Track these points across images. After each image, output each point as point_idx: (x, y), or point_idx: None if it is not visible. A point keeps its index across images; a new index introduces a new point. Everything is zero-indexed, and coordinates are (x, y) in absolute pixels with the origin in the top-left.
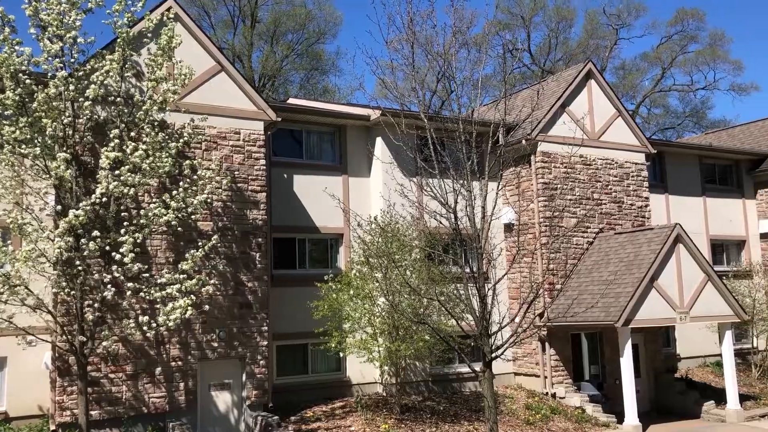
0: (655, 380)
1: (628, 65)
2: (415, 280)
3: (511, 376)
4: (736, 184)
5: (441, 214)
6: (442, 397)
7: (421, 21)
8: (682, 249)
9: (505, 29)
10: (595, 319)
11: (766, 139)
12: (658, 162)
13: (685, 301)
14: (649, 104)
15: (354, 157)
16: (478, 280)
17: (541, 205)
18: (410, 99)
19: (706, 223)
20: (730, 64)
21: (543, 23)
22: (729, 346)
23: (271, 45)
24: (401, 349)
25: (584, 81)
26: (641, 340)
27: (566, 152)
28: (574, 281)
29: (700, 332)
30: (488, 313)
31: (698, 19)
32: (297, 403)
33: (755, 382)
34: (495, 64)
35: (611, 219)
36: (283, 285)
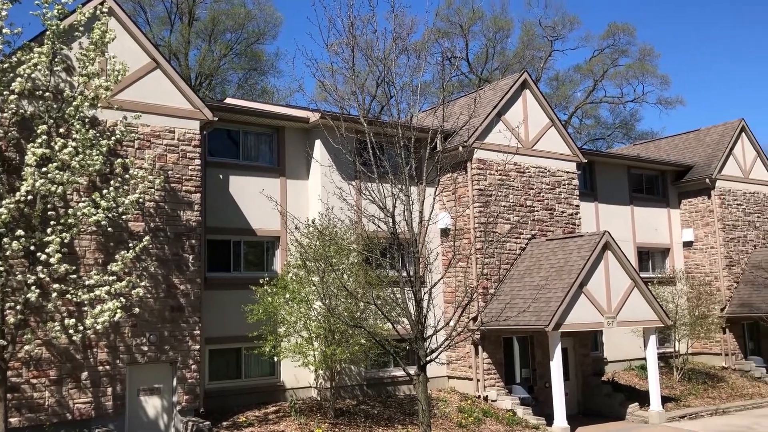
0: (583, 383)
1: (562, 76)
2: (352, 283)
3: (445, 379)
4: (662, 194)
5: (379, 218)
6: (377, 401)
7: (362, 25)
8: (610, 256)
9: (444, 37)
10: (527, 324)
11: (691, 152)
12: (588, 171)
13: (613, 306)
14: (581, 115)
15: (292, 160)
16: (415, 284)
17: (476, 210)
18: (350, 102)
19: (634, 231)
20: (658, 78)
21: (481, 33)
22: (653, 350)
23: (208, 44)
24: (337, 353)
25: (520, 91)
26: (571, 344)
27: (501, 160)
28: (507, 286)
29: (626, 336)
30: (424, 317)
31: (629, 33)
32: (230, 408)
33: (676, 385)
34: (434, 71)
35: (543, 225)
36: (217, 288)
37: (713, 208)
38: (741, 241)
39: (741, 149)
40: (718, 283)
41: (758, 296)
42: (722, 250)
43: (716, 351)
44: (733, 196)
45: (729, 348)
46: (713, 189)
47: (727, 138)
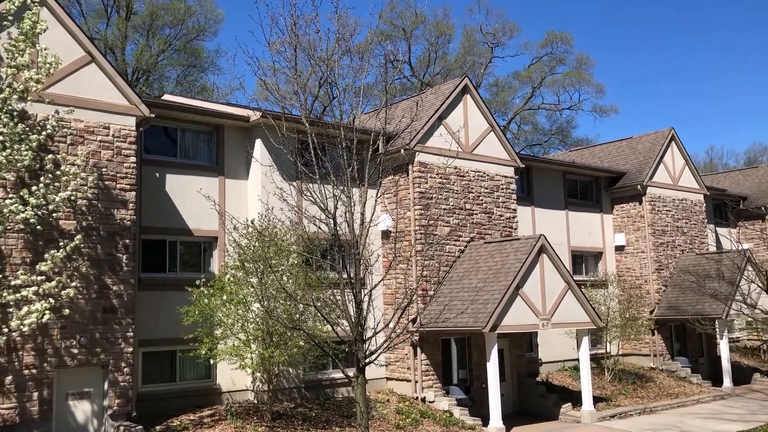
0: (519, 384)
1: (502, 83)
2: (291, 285)
3: (384, 380)
4: (596, 199)
5: (320, 220)
6: (315, 403)
7: (305, 25)
8: (545, 259)
9: (387, 40)
10: (465, 325)
11: (623, 159)
12: (525, 176)
13: (548, 308)
14: (519, 121)
15: (232, 159)
16: (355, 286)
17: (417, 213)
18: (292, 102)
19: (568, 235)
20: (593, 86)
21: (423, 37)
22: (585, 351)
23: (146, 38)
24: (275, 355)
25: (461, 95)
26: (507, 346)
27: (442, 163)
28: (446, 288)
29: (560, 338)
30: (364, 319)
31: (566, 42)
32: (163, 411)
33: (607, 385)
34: (377, 74)
35: (482, 229)
36: (151, 289)
37: (644, 213)
38: (670, 246)
39: (671, 157)
40: (648, 287)
41: (685, 299)
42: (652, 255)
43: (645, 352)
44: (662, 203)
45: (657, 349)
46: (644, 195)
47: (657, 146)
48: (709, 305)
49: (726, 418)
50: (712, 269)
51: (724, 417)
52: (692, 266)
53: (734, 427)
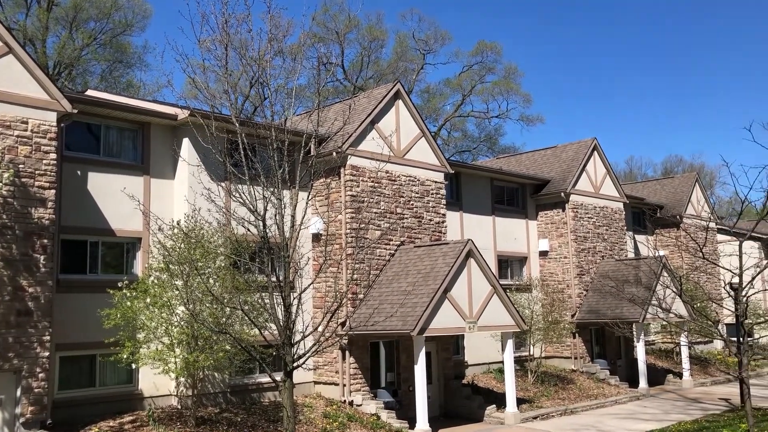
0: (445, 386)
1: (433, 89)
2: (218, 288)
3: (311, 384)
4: (522, 205)
5: (249, 221)
6: (241, 408)
7: (237, 24)
8: (473, 263)
9: (320, 42)
10: (393, 328)
11: (548, 167)
12: (455, 182)
13: (474, 311)
14: (450, 127)
15: (158, 158)
16: (284, 289)
17: (348, 216)
18: (222, 102)
19: (495, 240)
20: (521, 96)
21: (356, 41)
22: (510, 354)
23: (69, 31)
24: (200, 359)
25: (393, 100)
26: (434, 348)
27: (374, 167)
28: (375, 291)
29: (486, 341)
30: (292, 323)
31: (496, 52)
32: (81, 418)
33: (530, 387)
34: (309, 76)
35: (412, 233)
36: (71, 291)
37: (567, 220)
38: (591, 252)
39: (593, 166)
40: (570, 291)
41: (605, 303)
42: (574, 260)
43: (567, 354)
44: (584, 210)
45: (578, 352)
46: (567, 202)
47: (581, 155)
48: (628, 309)
49: (641, 417)
50: (630, 275)
51: (640, 417)
52: (612, 272)
53: (648, 426)
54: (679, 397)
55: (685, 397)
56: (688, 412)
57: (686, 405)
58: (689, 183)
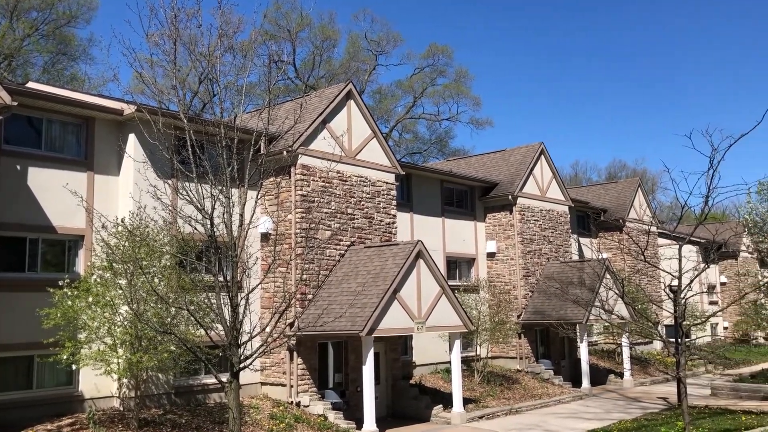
0: (393, 387)
1: (385, 90)
2: (163, 287)
3: (258, 385)
4: (470, 207)
5: (196, 220)
6: (185, 410)
7: (186, 19)
8: (422, 264)
9: (271, 40)
10: (343, 329)
11: (497, 170)
12: (405, 183)
13: (423, 312)
14: (401, 129)
15: (102, 153)
16: (232, 289)
17: (298, 216)
18: (170, 97)
19: (444, 242)
20: (471, 99)
21: (308, 40)
22: (457, 354)
23: (9, 21)
24: (143, 360)
25: (345, 100)
26: (383, 349)
27: (325, 167)
28: (325, 292)
29: (434, 341)
30: (239, 323)
31: (447, 55)
32: (17, 422)
33: (477, 387)
34: (260, 73)
35: (362, 233)
36: (8, 290)
37: (514, 222)
38: (537, 254)
39: (540, 170)
40: (516, 292)
41: (549, 305)
42: (521, 262)
43: (512, 355)
44: (531, 213)
45: (523, 352)
46: (515, 205)
47: (528, 159)
48: (571, 311)
49: (584, 417)
50: (574, 277)
51: (583, 416)
52: (557, 273)
53: (591, 425)
54: (620, 396)
55: (626, 397)
56: (628, 411)
57: (627, 404)
58: (632, 188)
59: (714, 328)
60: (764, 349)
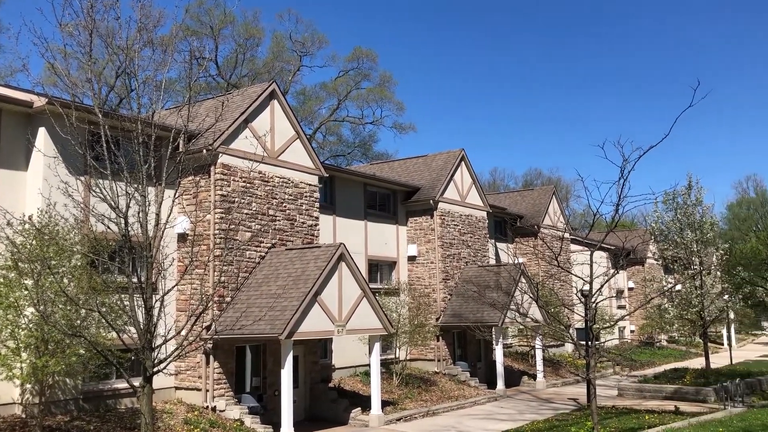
0: (311, 390)
1: (309, 92)
2: (73, 288)
3: (173, 390)
4: (393, 211)
5: (110, 219)
6: (94, 416)
7: (103, 10)
8: (344, 267)
9: (193, 36)
10: (261, 332)
11: (419, 175)
12: (329, 185)
13: (344, 315)
14: (325, 131)
15: (9, 147)
16: (146, 291)
17: (217, 216)
18: (84, 91)
19: (366, 245)
20: (395, 104)
21: (231, 37)
22: (376, 357)
23: None
24: (50, 365)
25: (268, 100)
26: (302, 352)
27: (246, 167)
28: (243, 294)
29: (354, 344)
30: (154, 326)
31: (372, 59)
32: None
33: (395, 389)
34: (180, 69)
35: (284, 235)
36: None
37: (435, 227)
38: (456, 258)
39: (460, 176)
40: (435, 295)
41: (467, 308)
42: (440, 265)
43: (430, 357)
44: (451, 217)
45: (441, 354)
46: (435, 210)
47: (449, 165)
48: (488, 313)
49: (498, 417)
50: (491, 280)
51: (497, 417)
52: (475, 277)
53: (504, 426)
54: (533, 397)
55: (539, 398)
56: (540, 412)
57: (539, 405)
58: (547, 195)
59: (622, 331)
60: (667, 351)
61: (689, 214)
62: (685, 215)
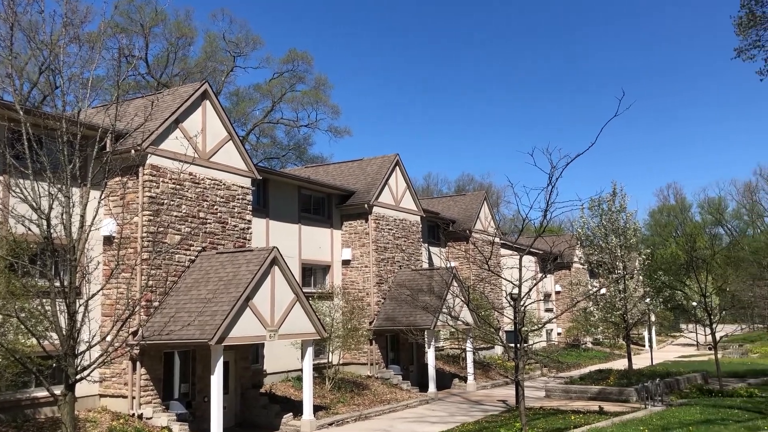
0: (242, 396)
1: (242, 93)
2: None
3: (97, 398)
4: (328, 215)
5: (31, 220)
6: (11, 427)
7: (26, 3)
8: (277, 271)
9: (122, 33)
10: (191, 338)
11: (354, 179)
12: (262, 188)
13: (276, 319)
14: (259, 133)
15: None
16: (69, 296)
17: (145, 219)
18: (4, 86)
19: (300, 248)
20: (330, 107)
21: (163, 36)
22: (309, 362)
23: None
24: None
25: (200, 100)
26: (233, 358)
27: (176, 168)
28: (172, 299)
29: (286, 349)
30: (77, 332)
31: (307, 62)
32: None
33: (328, 394)
34: (109, 67)
35: (215, 238)
36: None
37: (369, 231)
38: (390, 262)
39: (395, 181)
40: (369, 299)
41: (400, 311)
42: (374, 269)
43: (363, 361)
44: (385, 222)
45: (374, 358)
46: (370, 214)
47: (384, 169)
48: (421, 317)
49: (429, 420)
50: (424, 284)
51: (428, 420)
52: (408, 281)
53: (436, 428)
54: (464, 399)
55: (469, 400)
56: (471, 414)
57: (470, 407)
58: (479, 201)
59: (549, 333)
60: (593, 352)
61: (614, 221)
62: (609, 221)
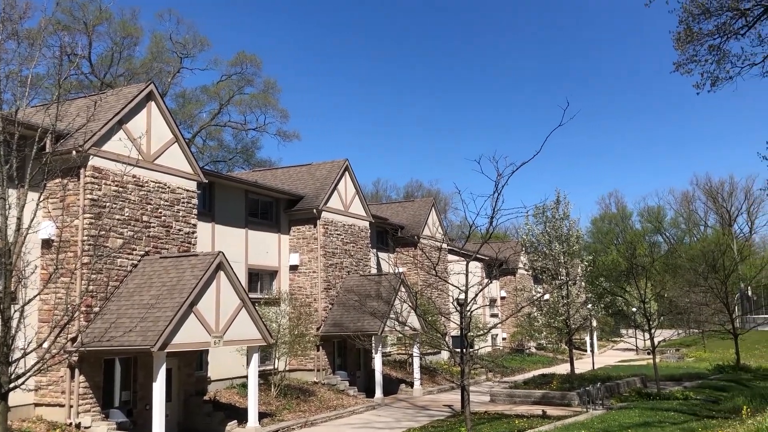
0: (185, 403)
1: (189, 95)
2: None
3: (32, 407)
4: (275, 219)
5: None
6: None
7: None
8: (222, 276)
9: (64, 31)
10: (132, 344)
11: (303, 183)
12: (208, 192)
13: (221, 325)
14: (205, 136)
15: None
16: (4, 301)
17: (86, 222)
18: None
19: (247, 253)
20: (279, 111)
21: (107, 35)
22: (254, 368)
23: None
24: None
25: (145, 101)
26: (176, 364)
27: (119, 170)
28: (114, 304)
29: (231, 355)
30: (12, 338)
31: (256, 65)
32: None
33: (273, 400)
34: (49, 65)
35: (158, 243)
36: None
37: (318, 236)
38: (338, 267)
39: (344, 186)
40: (317, 305)
41: (348, 317)
42: (322, 275)
43: (310, 367)
44: (334, 227)
45: (321, 364)
46: (319, 219)
47: (333, 174)
48: (368, 322)
49: (376, 426)
50: (372, 290)
51: (375, 425)
52: (356, 286)
53: None
54: (411, 405)
55: (416, 405)
56: (417, 419)
57: (416, 412)
58: (427, 207)
59: (494, 338)
60: (536, 357)
61: (557, 228)
62: (553, 228)
